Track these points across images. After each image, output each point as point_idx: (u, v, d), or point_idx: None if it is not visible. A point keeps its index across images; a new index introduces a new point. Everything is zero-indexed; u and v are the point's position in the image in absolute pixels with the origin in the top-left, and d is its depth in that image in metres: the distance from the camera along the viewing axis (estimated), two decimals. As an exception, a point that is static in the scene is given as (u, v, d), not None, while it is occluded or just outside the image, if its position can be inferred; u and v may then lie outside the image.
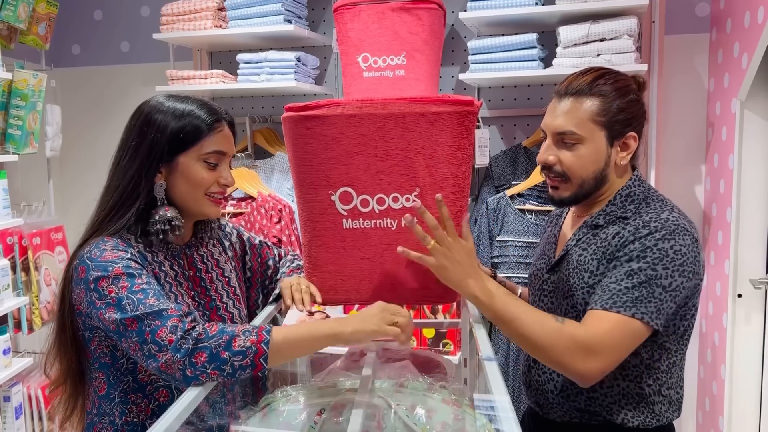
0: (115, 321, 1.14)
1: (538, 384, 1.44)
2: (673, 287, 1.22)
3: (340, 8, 2.49)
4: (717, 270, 2.52)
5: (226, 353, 1.08)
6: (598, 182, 1.35)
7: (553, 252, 1.47)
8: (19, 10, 2.65)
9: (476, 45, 2.49)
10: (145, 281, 1.18)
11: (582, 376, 1.22)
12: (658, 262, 1.22)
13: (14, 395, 2.51)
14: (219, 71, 2.75)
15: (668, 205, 1.33)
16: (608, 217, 1.35)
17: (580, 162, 1.33)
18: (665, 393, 1.34)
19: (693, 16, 2.66)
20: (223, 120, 1.32)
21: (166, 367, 1.09)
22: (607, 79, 1.34)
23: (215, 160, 1.30)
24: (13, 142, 2.59)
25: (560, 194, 1.37)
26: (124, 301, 1.14)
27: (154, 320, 1.11)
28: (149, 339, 1.10)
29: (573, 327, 1.22)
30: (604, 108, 1.31)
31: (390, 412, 1.15)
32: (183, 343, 1.08)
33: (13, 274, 2.54)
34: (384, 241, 1.31)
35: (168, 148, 1.26)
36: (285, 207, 2.66)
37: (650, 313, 1.21)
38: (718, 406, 2.47)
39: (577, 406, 1.37)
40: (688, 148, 2.70)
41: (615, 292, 1.22)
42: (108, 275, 1.17)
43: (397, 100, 1.26)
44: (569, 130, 1.32)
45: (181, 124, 1.27)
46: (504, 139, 2.78)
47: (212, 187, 1.31)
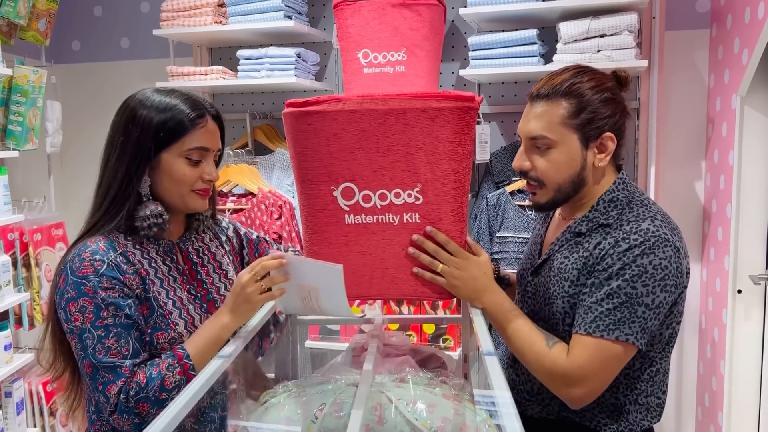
0: (77, 351, 1.20)
1: (515, 383, 1.45)
2: (656, 304, 1.21)
3: (340, 4, 2.49)
4: (717, 266, 2.52)
5: (164, 393, 1.18)
6: (576, 185, 1.32)
7: (538, 253, 1.46)
8: (19, 6, 2.64)
9: (476, 41, 2.49)
10: (110, 315, 1.20)
11: (568, 401, 1.26)
12: (637, 279, 1.20)
13: (15, 391, 2.52)
14: (219, 67, 2.75)
15: (651, 211, 1.29)
16: (591, 224, 1.32)
17: (554, 167, 1.30)
18: (642, 402, 1.33)
19: (693, 12, 2.66)
20: (208, 114, 1.31)
21: (116, 422, 1.18)
22: (581, 79, 1.29)
23: (198, 156, 1.29)
24: (14, 138, 2.59)
25: (537, 200, 1.35)
26: (86, 334, 1.19)
27: (108, 374, 1.18)
28: (101, 389, 1.18)
29: (557, 354, 1.24)
30: (576, 110, 1.27)
31: (391, 407, 1.15)
32: (127, 404, 1.17)
33: (14, 270, 2.54)
34: (386, 236, 1.32)
35: (153, 144, 1.26)
36: (285, 203, 2.66)
37: (634, 334, 1.21)
38: (717, 402, 2.48)
39: (550, 410, 1.38)
40: (689, 144, 2.70)
41: (597, 314, 1.22)
42: (77, 299, 1.19)
43: (398, 96, 1.26)
44: (540, 135, 1.29)
45: (163, 120, 1.26)
46: (504, 135, 2.78)
47: (196, 184, 1.30)
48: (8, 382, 2.50)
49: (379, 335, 1.47)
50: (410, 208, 1.29)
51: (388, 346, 1.47)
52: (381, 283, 1.35)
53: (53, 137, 2.87)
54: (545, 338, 1.26)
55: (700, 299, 2.72)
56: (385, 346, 1.45)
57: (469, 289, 1.28)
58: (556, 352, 1.24)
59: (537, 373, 1.27)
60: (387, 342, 1.48)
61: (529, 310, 1.43)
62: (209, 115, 1.31)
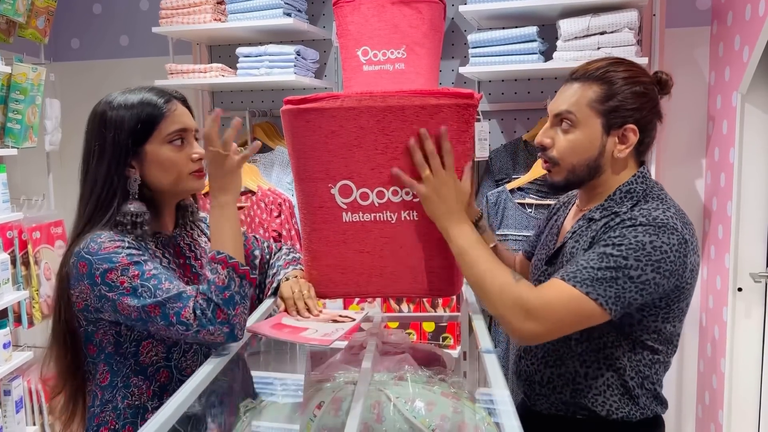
0: (137, 309, 1.17)
1: (527, 375, 1.44)
2: (641, 280, 1.20)
3: (339, 1, 2.49)
4: (717, 264, 2.51)
5: (226, 292, 1.17)
6: (591, 170, 1.33)
7: (554, 243, 1.47)
8: (17, 4, 2.64)
9: (476, 38, 2.48)
10: (152, 267, 1.21)
11: (519, 335, 1.23)
12: (632, 252, 1.20)
13: (14, 389, 2.52)
14: (218, 65, 2.75)
15: (666, 203, 1.30)
16: (605, 212, 1.33)
17: (572, 147, 1.32)
18: (648, 387, 1.34)
19: (694, 9, 2.65)
20: (175, 99, 1.33)
21: (207, 338, 1.16)
22: (616, 68, 1.32)
23: (180, 138, 1.30)
24: (13, 136, 2.58)
25: (552, 177, 1.37)
26: (140, 289, 1.17)
27: (175, 303, 1.16)
28: (175, 321, 1.16)
29: (524, 286, 1.23)
30: (605, 95, 1.30)
31: (389, 405, 1.15)
32: (206, 317, 1.15)
33: (13, 268, 2.54)
34: (384, 234, 1.31)
35: (131, 141, 1.27)
36: (285, 201, 2.66)
37: (606, 297, 1.19)
38: (717, 400, 2.48)
39: (562, 398, 1.37)
40: (689, 141, 2.69)
41: (580, 268, 1.22)
42: (116, 267, 1.18)
43: (397, 93, 1.25)
44: (565, 110, 1.31)
45: (136, 114, 1.27)
46: (504, 133, 2.77)
47: (188, 165, 1.31)
48: (7, 381, 2.50)
49: (378, 333, 1.47)
50: (408, 206, 1.29)
51: (387, 344, 1.46)
52: (379, 280, 1.35)
53: (52, 135, 2.86)
54: (511, 273, 1.25)
55: (700, 297, 2.72)
56: (383, 344, 1.45)
57: (442, 208, 1.24)
58: (522, 285, 1.23)
59: (497, 304, 1.23)
60: (386, 340, 1.48)
61: None
62: (176, 99, 1.33)
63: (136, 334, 1.26)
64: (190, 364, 1.32)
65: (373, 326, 1.55)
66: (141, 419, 1.26)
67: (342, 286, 1.37)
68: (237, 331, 1.17)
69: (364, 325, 1.59)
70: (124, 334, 1.26)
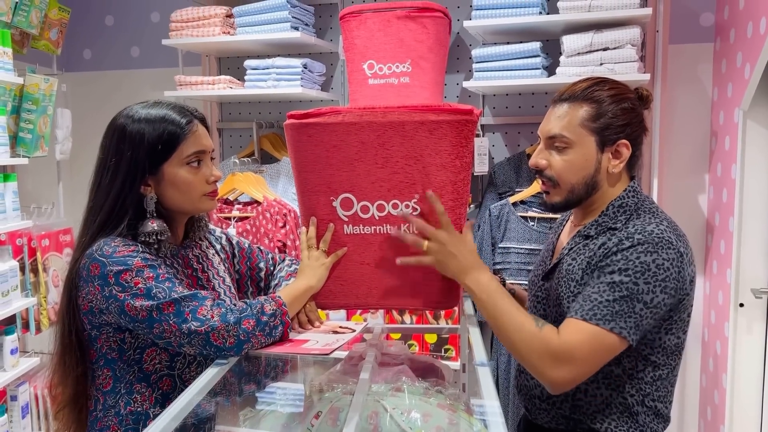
0: (147, 308, 1.18)
1: (527, 389, 1.46)
2: (654, 303, 1.23)
3: (346, 16, 2.52)
4: (719, 279, 2.52)
5: (264, 317, 1.22)
6: (589, 188, 1.36)
7: (550, 259, 1.49)
8: (31, 16, 2.69)
9: (480, 53, 2.51)
10: (165, 271, 1.23)
11: (551, 382, 1.24)
12: (640, 276, 1.22)
13: (21, 394, 2.55)
14: (226, 77, 2.79)
15: (658, 217, 1.32)
16: (599, 228, 1.35)
17: (569, 167, 1.34)
18: (649, 404, 1.34)
19: (697, 26, 2.67)
20: (195, 119, 1.34)
21: (218, 335, 1.17)
22: (602, 87, 1.35)
23: (197, 160, 1.32)
24: (24, 145, 2.63)
25: (551, 199, 1.39)
26: (154, 290, 1.19)
27: (191, 301, 1.19)
28: (190, 318, 1.18)
29: (549, 333, 1.24)
30: (595, 113, 1.33)
31: (386, 416, 1.16)
32: (229, 313, 1.18)
33: (22, 275, 2.58)
34: (384, 246, 1.33)
35: (149, 161, 1.28)
36: (290, 212, 2.69)
37: (628, 328, 1.22)
38: (719, 415, 2.47)
39: (562, 413, 1.38)
40: (692, 157, 2.70)
41: (596, 303, 1.23)
42: (130, 268, 1.20)
43: (398, 108, 1.27)
44: (558, 134, 1.34)
45: (157, 134, 1.28)
46: (508, 147, 2.80)
47: (204, 187, 1.33)
48: (14, 386, 2.53)
49: (377, 344, 1.49)
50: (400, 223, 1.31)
51: (386, 355, 1.48)
52: (379, 292, 1.37)
53: (63, 144, 2.91)
54: (533, 319, 1.26)
55: (703, 312, 2.72)
56: (383, 355, 1.47)
57: (455, 266, 1.27)
58: (546, 331, 1.24)
59: (523, 353, 1.25)
60: (385, 351, 1.50)
61: (538, 315, 1.44)
62: (196, 119, 1.34)
63: (140, 341, 1.28)
64: (193, 375, 1.33)
65: (373, 337, 1.57)
66: (142, 426, 1.28)
67: (342, 297, 1.39)
68: (246, 346, 1.20)
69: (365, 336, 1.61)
70: (128, 341, 1.28)
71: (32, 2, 2.70)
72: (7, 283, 2.40)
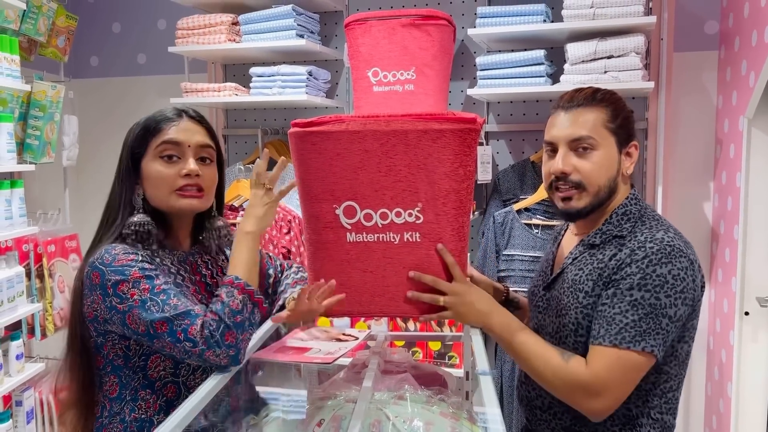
0: (145, 323, 1.19)
1: (528, 399, 1.45)
2: (677, 317, 1.23)
3: (351, 23, 2.54)
4: (724, 287, 2.51)
5: (238, 316, 1.20)
6: (611, 191, 1.36)
7: (550, 269, 1.48)
8: (39, 24, 2.72)
9: (485, 61, 2.52)
10: (163, 281, 1.23)
11: (590, 414, 1.26)
12: (660, 290, 1.22)
13: (26, 400, 2.55)
14: (232, 84, 2.80)
15: (664, 224, 1.32)
16: (604, 236, 1.35)
17: (597, 168, 1.33)
18: (655, 416, 1.33)
19: (702, 34, 2.67)
20: (187, 116, 1.35)
21: (212, 359, 1.18)
22: (605, 93, 1.38)
23: (171, 151, 1.30)
24: (31, 151, 2.65)
25: (574, 205, 1.35)
26: (148, 303, 1.20)
27: (183, 320, 1.19)
28: (182, 338, 1.18)
29: (577, 366, 1.24)
30: (612, 115, 1.35)
31: (388, 424, 1.17)
32: (213, 339, 1.17)
33: (28, 280, 2.59)
34: (387, 254, 1.33)
35: (132, 159, 1.32)
36: (295, 218, 2.69)
37: (657, 345, 1.22)
38: (724, 424, 2.46)
39: (563, 424, 1.38)
40: (697, 164, 2.70)
41: (622, 325, 1.22)
42: (127, 279, 1.21)
43: (401, 117, 1.28)
44: (585, 135, 1.33)
45: (137, 132, 1.33)
46: (512, 154, 2.80)
47: (175, 181, 1.30)
48: (19, 391, 2.53)
49: (380, 352, 1.49)
50: (411, 227, 1.31)
51: (389, 363, 1.48)
52: (382, 300, 1.37)
53: (69, 151, 2.93)
54: (559, 353, 1.27)
55: (708, 320, 2.71)
56: (386, 363, 1.47)
57: (475, 314, 1.30)
58: (574, 364, 1.25)
59: (555, 388, 1.27)
60: (389, 359, 1.50)
61: (538, 324, 1.44)
62: (188, 117, 1.35)
63: (145, 348, 1.29)
64: (198, 382, 1.33)
65: (376, 345, 1.57)
66: None
67: (345, 305, 1.39)
68: (241, 355, 1.20)
69: (368, 343, 1.61)
70: (134, 348, 1.29)
71: (40, 10, 2.72)
72: (14, 288, 2.41)
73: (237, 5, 2.86)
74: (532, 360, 1.28)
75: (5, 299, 2.35)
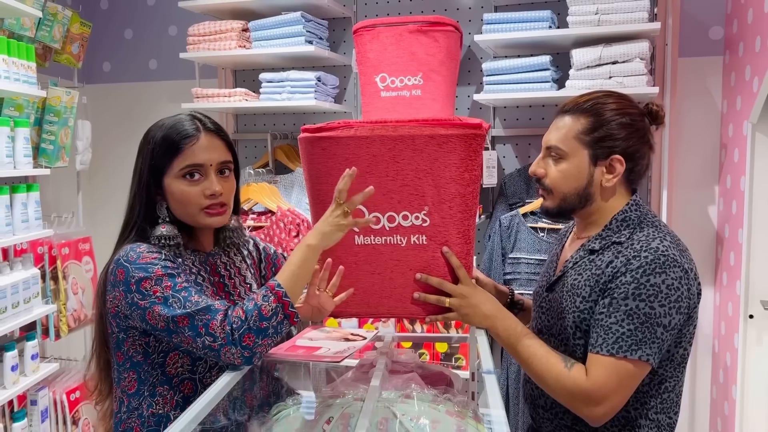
0: (165, 319, 1.22)
1: (533, 398, 1.48)
2: (671, 326, 1.26)
3: (359, 30, 2.58)
4: (729, 290, 2.53)
5: (264, 322, 1.21)
6: (582, 199, 1.38)
7: (553, 271, 1.51)
8: (54, 31, 2.78)
9: (491, 66, 2.55)
10: (184, 279, 1.27)
11: (590, 420, 1.29)
12: (654, 299, 1.24)
13: (41, 399, 2.60)
14: (242, 89, 2.85)
15: (661, 232, 1.33)
16: (604, 242, 1.37)
17: (562, 177, 1.38)
18: (653, 417, 1.35)
19: (707, 39, 2.69)
20: (204, 130, 1.35)
21: (226, 356, 1.20)
22: (605, 101, 1.37)
23: (194, 171, 1.34)
24: (46, 156, 2.70)
25: (545, 204, 1.43)
26: (171, 299, 1.23)
27: (204, 315, 1.21)
28: (203, 332, 1.21)
29: (577, 375, 1.28)
30: (591, 127, 1.35)
31: (395, 422, 1.19)
32: (233, 337, 1.20)
33: (43, 282, 2.64)
34: (394, 257, 1.36)
35: (153, 175, 1.34)
36: (303, 221, 2.73)
37: (653, 354, 1.25)
38: (729, 427, 2.47)
39: (565, 423, 1.41)
40: (701, 169, 2.72)
41: (618, 335, 1.25)
42: (150, 276, 1.25)
43: (408, 122, 1.30)
44: (554, 145, 1.38)
45: (157, 148, 1.33)
46: (518, 158, 2.83)
47: (200, 201, 1.34)
48: (34, 391, 2.58)
49: (388, 352, 1.52)
50: (417, 230, 1.34)
51: (396, 363, 1.51)
52: (389, 302, 1.40)
53: (83, 155, 2.98)
54: (562, 360, 1.31)
55: (713, 324, 2.72)
56: (393, 363, 1.50)
57: (480, 316, 1.33)
58: (575, 373, 1.28)
59: (557, 393, 1.31)
60: (395, 359, 1.53)
61: (542, 326, 1.47)
62: (206, 130, 1.36)
63: (164, 345, 1.33)
64: (214, 379, 1.34)
65: (384, 345, 1.60)
66: (163, 428, 1.32)
67: (354, 306, 1.43)
68: (256, 358, 1.23)
69: (376, 344, 1.64)
70: (153, 344, 1.33)
71: (55, 17, 2.78)
72: (29, 290, 2.46)
73: (247, 12, 2.90)
74: (535, 365, 1.32)
75: (21, 300, 2.40)
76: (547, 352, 1.32)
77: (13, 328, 2.38)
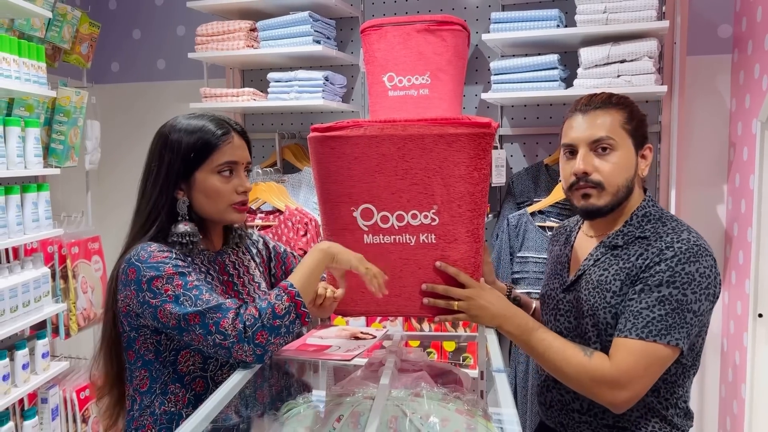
0: (177, 317, 1.24)
1: (562, 404, 1.47)
2: (701, 311, 1.28)
3: (367, 29, 2.58)
4: (738, 289, 2.52)
5: (277, 320, 1.22)
6: (628, 191, 1.39)
7: (566, 272, 1.50)
8: (63, 31, 2.79)
9: (499, 65, 2.55)
10: (195, 278, 1.28)
11: (612, 406, 1.29)
12: (687, 286, 1.26)
13: (51, 397, 2.62)
14: (250, 89, 2.86)
15: (683, 225, 1.37)
16: (627, 237, 1.38)
17: (616, 169, 1.37)
18: (681, 406, 1.38)
19: (716, 38, 2.68)
20: (233, 131, 1.40)
21: (238, 354, 1.21)
22: (620, 97, 1.42)
23: (228, 170, 1.38)
24: (56, 156, 2.72)
25: (594, 203, 1.38)
26: (182, 297, 1.24)
27: (215, 313, 1.22)
28: (214, 330, 1.22)
29: (600, 361, 1.28)
30: (629, 117, 1.39)
31: (405, 420, 1.20)
32: (246, 334, 1.21)
33: (53, 281, 2.66)
34: (403, 255, 1.37)
35: (183, 167, 1.35)
36: (311, 221, 2.74)
37: (682, 338, 1.26)
38: (738, 426, 2.47)
39: (605, 422, 1.40)
40: (710, 167, 2.71)
41: (649, 319, 1.26)
42: (161, 275, 1.26)
43: (417, 122, 1.31)
44: (605, 136, 1.37)
45: (192, 142, 1.35)
46: (526, 157, 2.82)
47: (232, 197, 1.38)
48: (44, 389, 2.60)
49: (397, 351, 1.52)
50: (426, 229, 1.34)
51: (405, 361, 1.52)
52: (398, 300, 1.40)
53: (92, 155, 3.00)
54: (581, 349, 1.31)
55: (722, 322, 2.71)
56: (402, 362, 1.50)
57: (490, 316, 1.34)
58: (597, 359, 1.29)
59: (578, 384, 1.31)
60: (404, 358, 1.53)
61: (563, 327, 1.47)
62: (234, 131, 1.40)
63: (175, 343, 1.34)
64: (225, 377, 1.36)
65: (393, 344, 1.60)
66: (175, 426, 1.33)
67: (362, 304, 1.43)
68: (267, 357, 1.24)
69: (384, 343, 1.64)
70: (164, 343, 1.34)
71: (65, 18, 2.80)
72: (40, 289, 2.48)
73: (255, 12, 2.91)
74: (552, 356, 1.32)
75: (32, 299, 2.42)
76: (564, 343, 1.33)
77: (23, 327, 2.40)
